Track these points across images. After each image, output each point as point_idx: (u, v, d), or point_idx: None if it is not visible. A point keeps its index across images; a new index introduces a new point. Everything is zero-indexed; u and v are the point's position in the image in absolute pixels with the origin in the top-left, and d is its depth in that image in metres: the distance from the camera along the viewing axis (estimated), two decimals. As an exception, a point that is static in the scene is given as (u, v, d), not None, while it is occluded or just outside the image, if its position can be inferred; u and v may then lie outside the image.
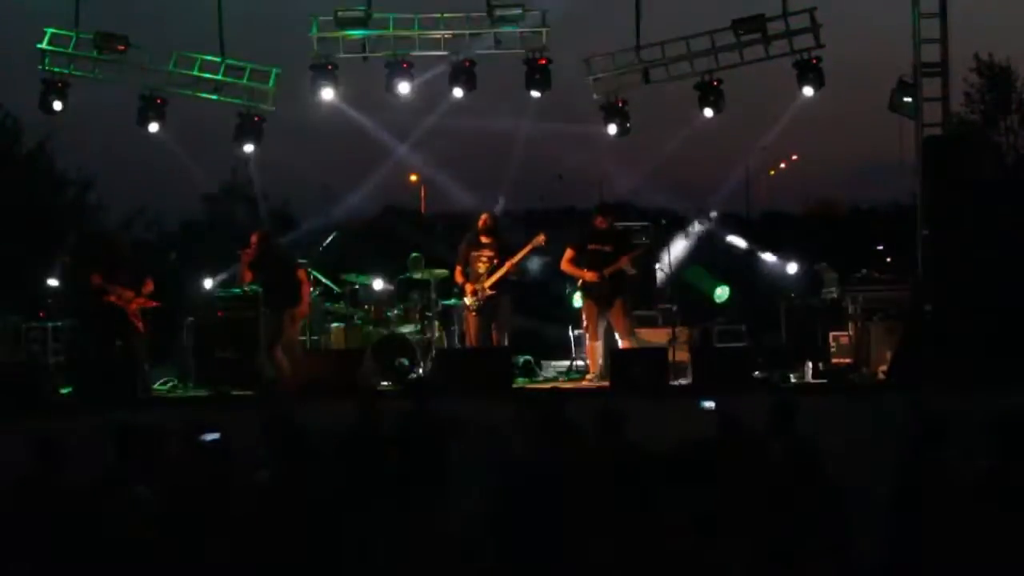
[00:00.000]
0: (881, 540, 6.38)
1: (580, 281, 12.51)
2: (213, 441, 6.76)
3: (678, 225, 16.03)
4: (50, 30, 13.66)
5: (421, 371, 12.44)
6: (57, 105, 13.71)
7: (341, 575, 6.00)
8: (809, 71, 13.41)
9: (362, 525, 6.32)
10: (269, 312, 12.48)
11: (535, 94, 13.88)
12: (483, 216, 12.83)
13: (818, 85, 13.45)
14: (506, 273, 12.53)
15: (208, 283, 13.79)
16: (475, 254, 12.64)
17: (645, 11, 13.84)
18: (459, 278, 12.68)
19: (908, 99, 13.01)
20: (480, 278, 12.54)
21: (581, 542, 5.79)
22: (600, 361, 12.34)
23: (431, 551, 6.28)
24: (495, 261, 12.56)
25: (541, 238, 12.57)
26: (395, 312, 13.07)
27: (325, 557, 5.96)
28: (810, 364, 12.53)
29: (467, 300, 12.59)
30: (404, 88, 13.88)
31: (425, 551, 6.29)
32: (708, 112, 13.81)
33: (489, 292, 12.49)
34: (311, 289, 12.95)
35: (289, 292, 12.55)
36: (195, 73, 14.04)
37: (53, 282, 13.73)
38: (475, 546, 5.99)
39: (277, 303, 12.49)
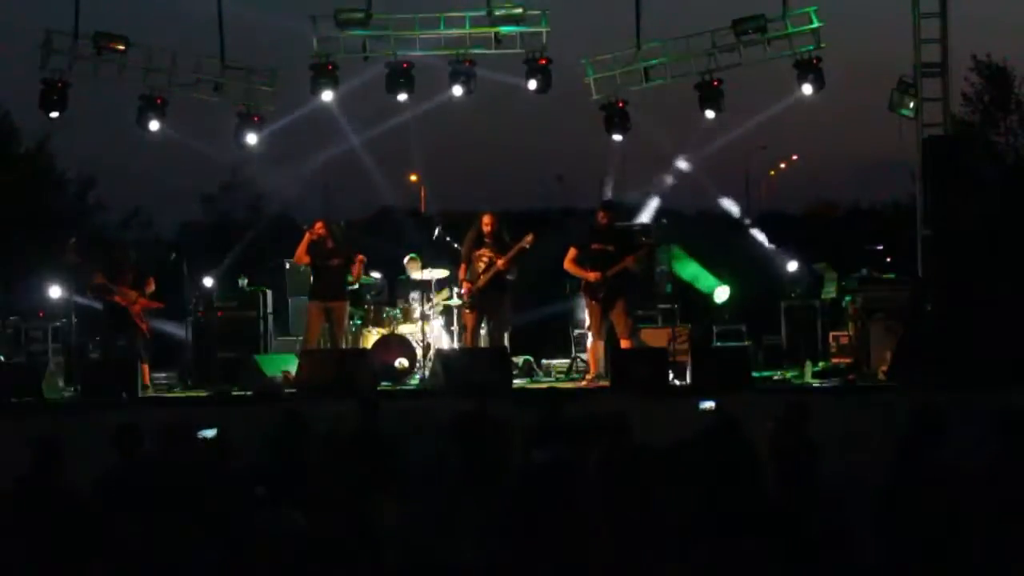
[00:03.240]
0: (881, 540, 6.37)
1: (582, 281, 12.50)
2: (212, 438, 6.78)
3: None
4: (50, 30, 13.65)
5: (425, 371, 12.43)
6: (57, 106, 13.69)
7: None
8: (809, 71, 13.40)
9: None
10: (314, 304, 12.57)
11: (535, 93, 13.89)
12: (487, 216, 12.69)
13: (818, 85, 13.45)
14: (499, 271, 12.48)
15: (207, 285, 13.77)
16: (477, 253, 12.62)
17: (645, 11, 13.86)
18: (462, 275, 12.68)
19: (908, 99, 13.01)
20: (479, 277, 12.54)
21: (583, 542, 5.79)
22: (601, 361, 12.34)
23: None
24: (495, 261, 12.55)
25: (530, 237, 12.52)
26: (395, 312, 13.08)
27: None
28: (810, 364, 12.54)
29: (461, 298, 12.60)
30: (404, 89, 13.90)
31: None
32: (708, 112, 13.81)
33: (485, 290, 12.45)
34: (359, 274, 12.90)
35: (342, 283, 12.61)
36: (195, 73, 14.06)
37: (55, 286, 13.71)
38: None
39: (326, 295, 12.53)
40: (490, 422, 8.24)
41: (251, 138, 14.35)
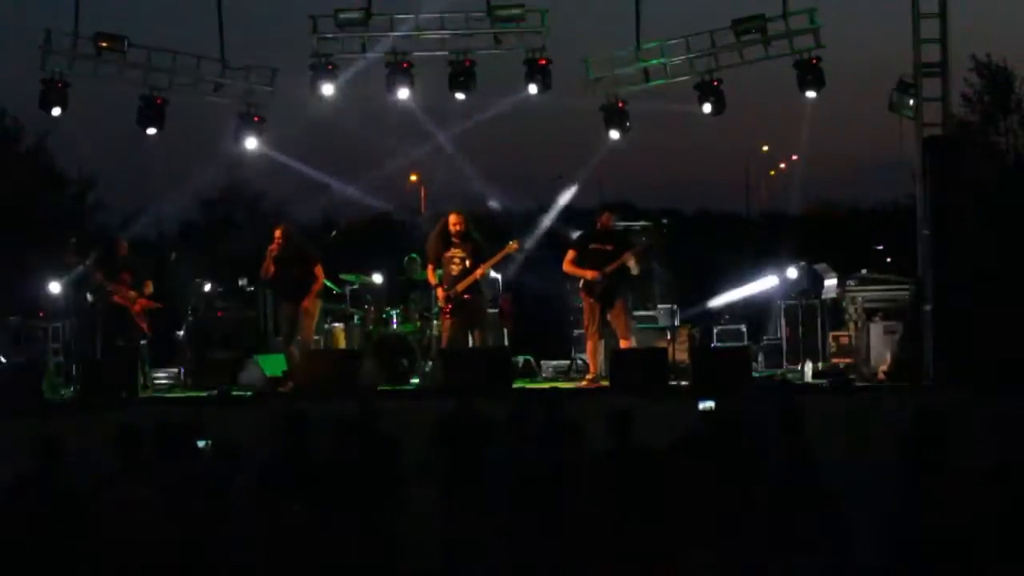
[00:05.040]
0: (881, 540, 6.37)
1: (581, 281, 12.48)
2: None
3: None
4: (50, 30, 13.64)
5: (426, 371, 12.41)
6: (57, 106, 13.66)
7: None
8: (809, 71, 13.38)
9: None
10: (286, 306, 12.50)
11: (535, 94, 13.88)
12: (453, 216, 12.42)
13: (818, 85, 13.43)
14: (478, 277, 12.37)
15: (207, 286, 13.76)
16: (447, 255, 12.38)
17: (645, 11, 13.85)
18: (432, 279, 12.52)
19: (908, 99, 13.00)
20: (453, 281, 12.31)
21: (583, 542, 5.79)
22: (600, 361, 12.33)
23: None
24: (467, 263, 12.28)
25: (514, 245, 12.42)
26: (395, 312, 13.06)
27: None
28: (810, 364, 12.53)
29: (439, 304, 12.50)
30: (403, 89, 13.88)
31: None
32: (708, 112, 13.79)
33: (464, 297, 12.32)
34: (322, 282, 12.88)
35: (307, 286, 12.55)
36: (195, 73, 14.05)
37: (55, 286, 13.70)
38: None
39: (296, 296, 12.46)
40: (476, 422, 8.24)
41: (251, 139, 14.33)
